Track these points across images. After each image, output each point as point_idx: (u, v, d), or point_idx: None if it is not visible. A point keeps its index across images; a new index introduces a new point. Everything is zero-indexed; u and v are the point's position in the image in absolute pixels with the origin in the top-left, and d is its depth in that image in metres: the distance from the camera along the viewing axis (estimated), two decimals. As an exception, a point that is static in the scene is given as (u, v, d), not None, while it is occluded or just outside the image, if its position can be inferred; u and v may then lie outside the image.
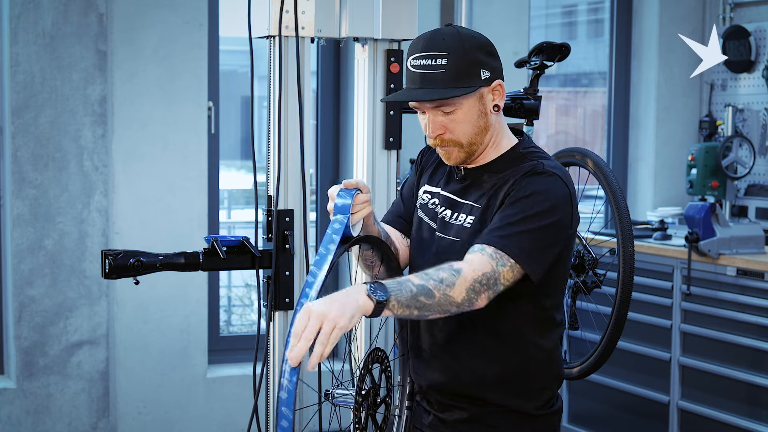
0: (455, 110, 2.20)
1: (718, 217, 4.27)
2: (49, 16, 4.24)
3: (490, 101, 2.23)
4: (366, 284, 1.94)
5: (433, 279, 2.02)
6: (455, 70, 2.16)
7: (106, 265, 2.55)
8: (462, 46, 2.17)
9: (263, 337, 2.79)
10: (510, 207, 2.15)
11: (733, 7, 5.27)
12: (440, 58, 2.17)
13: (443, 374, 2.28)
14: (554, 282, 2.24)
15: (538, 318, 2.25)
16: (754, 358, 4.14)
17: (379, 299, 1.92)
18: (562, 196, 2.17)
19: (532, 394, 2.27)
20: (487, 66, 2.20)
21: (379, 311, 1.94)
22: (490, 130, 2.25)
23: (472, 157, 2.26)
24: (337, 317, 1.86)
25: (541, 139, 5.85)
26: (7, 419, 4.30)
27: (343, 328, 1.86)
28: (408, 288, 1.98)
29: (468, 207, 2.27)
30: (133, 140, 4.40)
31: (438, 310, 2.02)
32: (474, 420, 2.26)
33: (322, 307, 1.87)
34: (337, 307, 1.87)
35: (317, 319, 1.85)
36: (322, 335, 1.85)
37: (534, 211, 2.12)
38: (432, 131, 2.23)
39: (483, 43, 2.22)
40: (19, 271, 4.27)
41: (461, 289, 2.03)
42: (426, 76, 2.18)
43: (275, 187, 2.78)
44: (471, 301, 2.05)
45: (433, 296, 2.00)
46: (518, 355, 2.25)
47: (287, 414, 1.87)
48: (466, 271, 2.04)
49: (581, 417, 4.99)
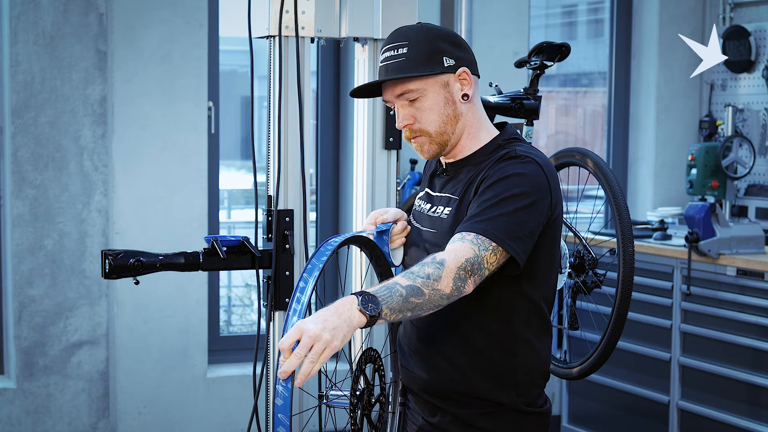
0: (419, 98, 2.21)
1: (718, 217, 4.27)
2: (49, 16, 4.24)
3: (457, 90, 2.23)
4: (357, 297, 1.93)
5: (419, 276, 2.01)
6: (415, 56, 2.19)
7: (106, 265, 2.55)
8: (423, 35, 2.21)
9: (263, 337, 2.80)
10: (485, 192, 2.15)
11: (733, 7, 5.27)
12: (401, 48, 2.20)
13: (427, 371, 2.27)
14: (541, 272, 2.23)
15: (524, 310, 2.23)
16: (754, 358, 4.14)
17: (371, 313, 1.92)
18: (537, 178, 2.15)
19: (520, 389, 2.24)
20: (450, 54, 2.22)
21: (373, 323, 1.94)
22: (461, 120, 2.25)
23: (445, 148, 2.26)
24: (330, 340, 1.85)
25: (541, 139, 5.85)
26: (7, 419, 4.30)
27: (335, 348, 1.86)
28: (398, 292, 1.98)
29: (446, 199, 2.28)
30: (133, 140, 4.40)
31: (430, 306, 2.02)
32: (463, 422, 2.25)
33: (315, 328, 1.85)
34: (330, 329, 1.86)
35: (310, 340, 1.85)
36: (313, 354, 1.84)
37: (510, 193, 2.12)
38: (400, 122, 2.25)
39: (447, 34, 2.25)
40: (19, 271, 4.27)
41: (448, 281, 2.03)
42: (389, 66, 2.22)
43: (275, 187, 2.78)
44: (459, 290, 2.05)
45: (423, 294, 2.00)
46: (504, 349, 2.22)
47: (283, 420, 1.87)
48: (449, 261, 2.04)
49: (581, 417, 4.99)
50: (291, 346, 1.85)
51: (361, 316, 1.91)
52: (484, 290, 2.15)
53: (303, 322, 1.87)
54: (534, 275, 2.21)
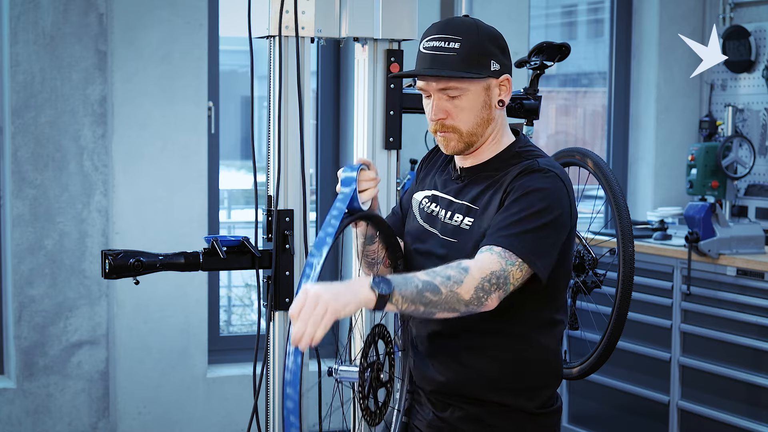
0: (461, 96, 2.20)
1: (718, 217, 4.27)
2: (49, 16, 4.24)
3: (496, 95, 2.24)
4: (371, 277, 1.94)
5: (440, 276, 2.01)
6: (467, 55, 2.17)
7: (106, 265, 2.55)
8: (477, 34, 2.19)
9: (263, 337, 2.79)
10: (510, 206, 2.15)
11: (733, 7, 5.27)
12: (453, 42, 2.18)
13: (444, 374, 2.28)
14: (557, 281, 2.24)
15: (541, 318, 2.25)
16: (754, 358, 4.14)
17: (381, 292, 1.92)
18: (560, 192, 2.17)
19: (534, 393, 2.26)
20: (497, 59, 2.21)
21: (382, 304, 1.93)
22: (492, 125, 2.25)
23: (470, 148, 2.26)
24: (331, 300, 1.86)
25: (541, 139, 5.85)
26: (7, 419, 4.30)
27: (336, 311, 1.86)
28: (413, 283, 1.97)
29: (465, 207, 2.26)
30: (133, 140, 4.40)
31: (445, 307, 2.01)
32: (474, 419, 2.26)
33: (318, 289, 1.87)
34: (333, 291, 1.88)
35: (313, 300, 1.86)
36: (315, 316, 1.85)
37: (535, 209, 2.12)
38: (435, 114, 2.22)
39: (497, 37, 2.24)
40: (19, 271, 4.27)
41: (469, 287, 2.02)
42: (436, 57, 2.19)
43: (275, 187, 2.78)
44: (480, 300, 2.04)
45: (440, 292, 1.99)
46: (520, 355, 2.24)
47: (292, 395, 1.86)
48: (474, 270, 2.03)
49: (581, 417, 4.99)
50: (299, 312, 1.86)
51: (369, 292, 1.92)
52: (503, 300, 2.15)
53: (308, 285, 1.90)
54: (551, 284, 2.21)
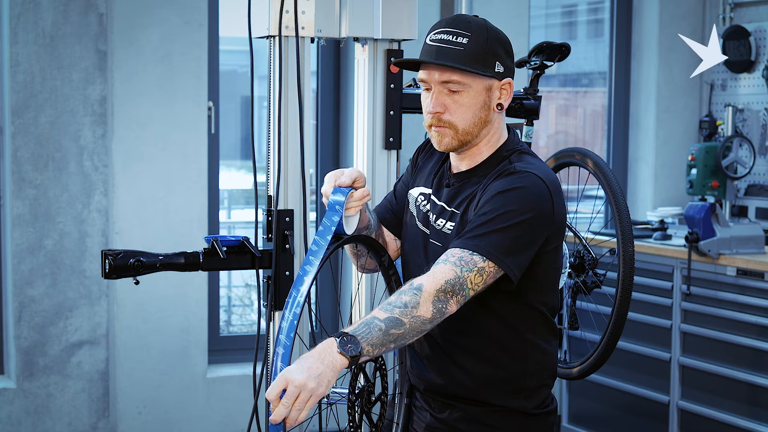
0: (461, 92, 2.20)
1: (718, 217, 4.27)
2: (49, 16, 4.23)
3: (496, 97, 2.23)
4: (335, 339, 1.94)
5: (397, 307, 2.01)
6: (473, 51, 2.17)
7: (106, 265, 2.55)
8: (486, 33, 2.20)
9: (263, 337, 2.79)
10: (480, 208, 2.15)
11: (733, 7, 5.26)
12: (462, 37, 2.18)
13: (441, 377, 2.28)
14: (545, 280, 2.24)
15: (533, 318, 2.25)
16: (754, 358, 4.14)
17: (351, 354, 1.93)
18: (536, 192, 2.15)
19: (531, 392, 2.27)
20: (503, 61, 2.22)
21: (356, 362, 1.95)
22: (488, 127, 2.25)
23: (463, 147, 2.25)
24: (315, 388, 1.88)
25: (541, 139, 5.85)
26: (7, 419, 4.30)
27: (321, 395, 1.89)
28: (377, 327, 1.98)
29: (449, 213, 2.27)
30: (133, 140, 4.40)
31: (413, 334, 2.03)
32: (472, 419, 2.27)
33: (300, 377, 1.87)
34: (315, 376, 1.88)
35: (296, 389, 1.87)
36: (299, 403, 1.87)
37: (505, 209, 2.12)
38: (433, 106, 2.21)
39: (505, 41, 2.25)
40: (19, 271, 4.27)
41: (427, 305, 2.03)
42: (442, 50, 2.18)
43: (275, 187, 2.78)
44: (442, 312, 2.05)
45: (402, 324, 2.00)
46: (516, 356, 2.25)
47: None
48: (426, 285, 2.04)
49: (581, 417, 4.99)
50: (278, 395, 1.88)
51: (342, 358, 1.93)
52: (495, 301, 2.16)
53: (288, 371, 1.89)
54: (541, 284, 2.23)
